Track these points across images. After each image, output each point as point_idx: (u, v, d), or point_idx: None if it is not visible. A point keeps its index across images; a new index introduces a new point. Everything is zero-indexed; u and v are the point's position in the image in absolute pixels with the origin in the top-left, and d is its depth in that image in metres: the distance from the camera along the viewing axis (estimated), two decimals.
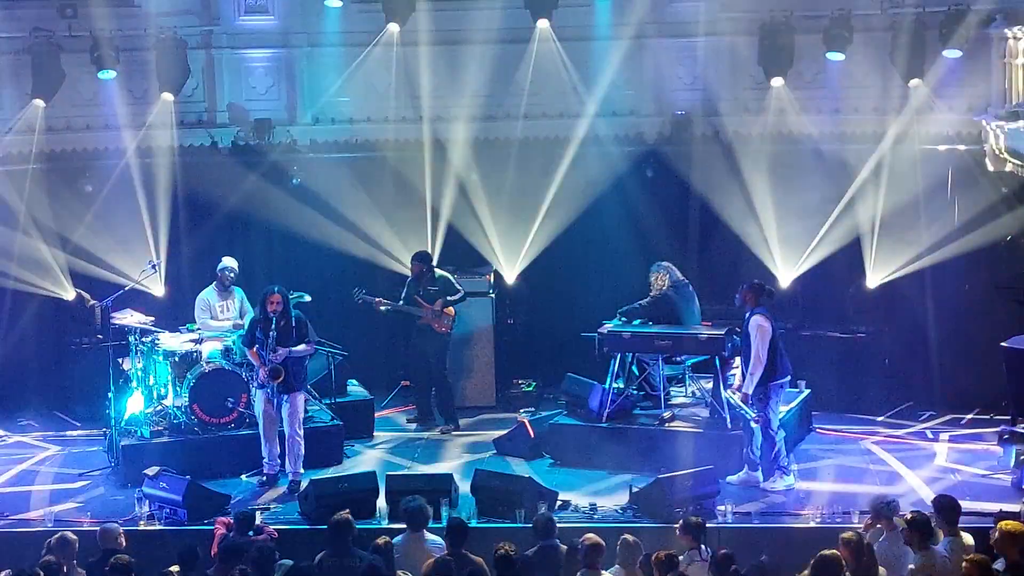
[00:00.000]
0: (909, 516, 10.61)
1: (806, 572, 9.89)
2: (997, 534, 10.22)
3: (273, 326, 13.87)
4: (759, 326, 13.61)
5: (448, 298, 16.09)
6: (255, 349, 13.99)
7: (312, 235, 17.16)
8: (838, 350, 16.67)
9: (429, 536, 11.49)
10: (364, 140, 17.72)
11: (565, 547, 10.90)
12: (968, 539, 10.78)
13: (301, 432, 14.12)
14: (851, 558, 10.09)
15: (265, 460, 14.25)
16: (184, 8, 17.36)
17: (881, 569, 10.27)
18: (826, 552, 9.90)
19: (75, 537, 11.12)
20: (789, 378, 14.03)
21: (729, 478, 13.76)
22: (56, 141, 17.33)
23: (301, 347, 14.05)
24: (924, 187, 16.47)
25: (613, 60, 17.11)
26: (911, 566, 10.42)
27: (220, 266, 15.39)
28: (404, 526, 11.67)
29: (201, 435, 14.63)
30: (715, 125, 17.17)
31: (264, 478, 14.20)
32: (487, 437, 15.66)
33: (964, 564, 9.84)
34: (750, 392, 13.63)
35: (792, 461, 14.15)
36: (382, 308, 16.15)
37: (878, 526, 11.01)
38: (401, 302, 16.11)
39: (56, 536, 11.11)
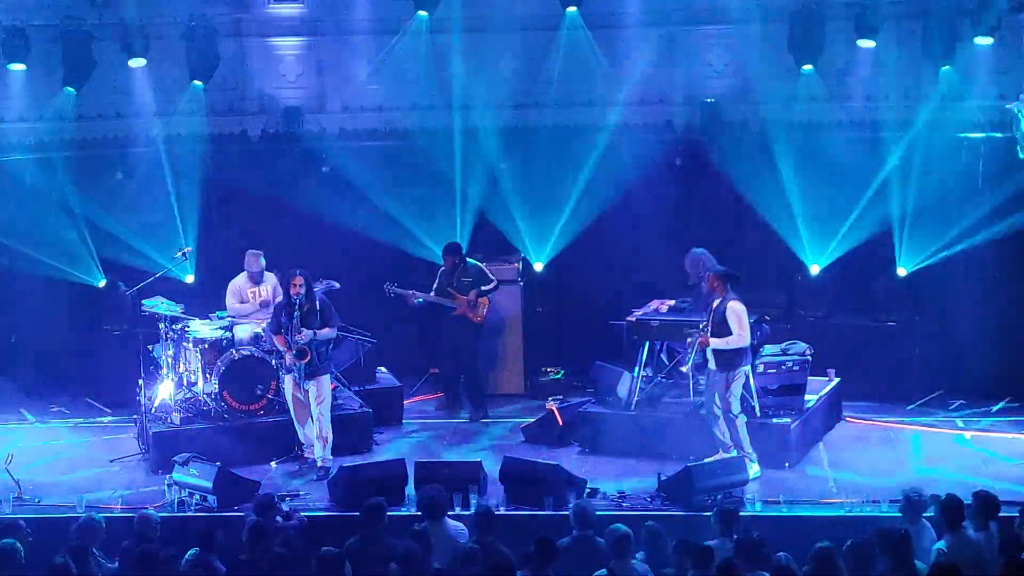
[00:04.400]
0: (944, 497, 10.49)
1: (806, 568, 9.75)
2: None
3: (297, 308, 13.92)
4: (736, 311, 13.33)
5: (482, 288, 16.09)
6: (281, 334, 14.05)
7: (342, 223, 17.16)
8: (868, 338, 16.61)
9: (451, 523, 11.43)
10: (393, 128, 17.74)
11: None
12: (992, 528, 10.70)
13: (328, 416, 14.16)
14: (889, 553, 9.89)
15: (303, 444, 14.31)
16: None
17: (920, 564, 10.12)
18: (823, 544, 9.77)
19: (101, 522, 11.18)
20: (750, 367, 13.73)
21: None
22: (87, 128, 17.42)
23: (325, 330, 14.08)
24: (955, 174, 16.39)
25: (643, 47, 17.10)
26: (943, 548, 10.26)
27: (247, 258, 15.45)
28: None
29: (231, 422, 14.69)
30: (745, 113, 17.13)
31: (304, 462, 14.26)
32: (516, 425, 15.68)
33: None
34: (709, 344, 13.32)
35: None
36: (415, 300, 16.13)
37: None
38: (433, 293, 16.12)
39: (82, 520, 11.17)
